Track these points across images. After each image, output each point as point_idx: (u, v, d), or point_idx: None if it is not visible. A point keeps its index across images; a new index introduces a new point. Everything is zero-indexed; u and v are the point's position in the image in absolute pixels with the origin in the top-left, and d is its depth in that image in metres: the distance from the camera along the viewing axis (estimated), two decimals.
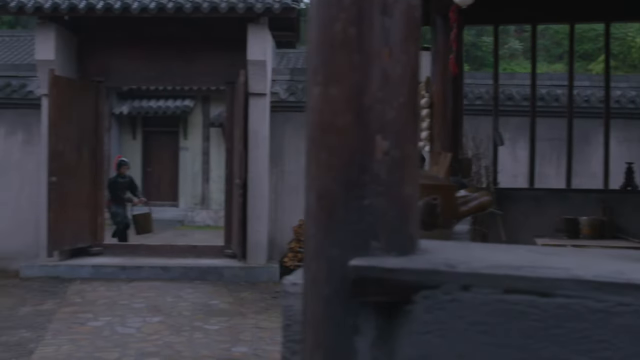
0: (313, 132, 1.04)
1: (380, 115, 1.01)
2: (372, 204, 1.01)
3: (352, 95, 1.01)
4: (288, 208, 11.08)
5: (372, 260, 1.00)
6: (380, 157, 1.01)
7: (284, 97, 11.05)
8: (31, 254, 10.93)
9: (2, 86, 11.23)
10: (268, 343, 7.02)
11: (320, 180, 1.03)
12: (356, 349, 1.00)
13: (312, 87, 1.05)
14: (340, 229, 1.01)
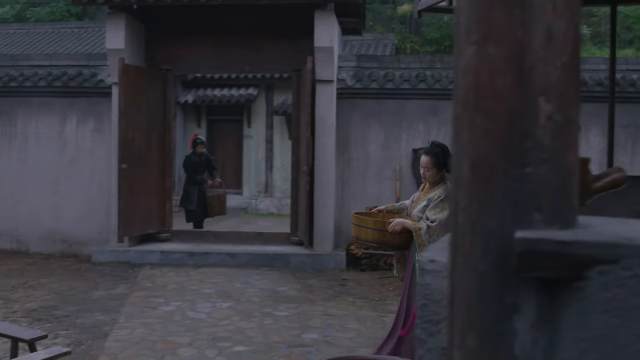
0: (466, 95, 0.97)
1: (543, 76, 0.93)
2: (535, 172, 0.93)
3: (513, 54, 0.93)
4: (354, 195, 11.02)
5: (540, 233, 0.92)
6: (544, 122, 0.93)
7: (351, 84, 10.96)
8: (102, 240, 11.15)
9: (74, 75, 11.44)
10: (338, 330, 6.98)
11: (475, 147, 0.95)
12: (515, 330, 0.92)
13: (464, 47, 0.97)
14: (499, 199, 0.93)
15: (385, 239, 5.01)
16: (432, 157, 5.04)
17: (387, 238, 4.97)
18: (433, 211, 4.90)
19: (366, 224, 5.07)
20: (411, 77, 11.00)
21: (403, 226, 4.90)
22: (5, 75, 11.58)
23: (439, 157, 5.04)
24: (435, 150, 5.07)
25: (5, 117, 11.63)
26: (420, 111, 11.02)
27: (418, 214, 5.01)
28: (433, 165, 5.02)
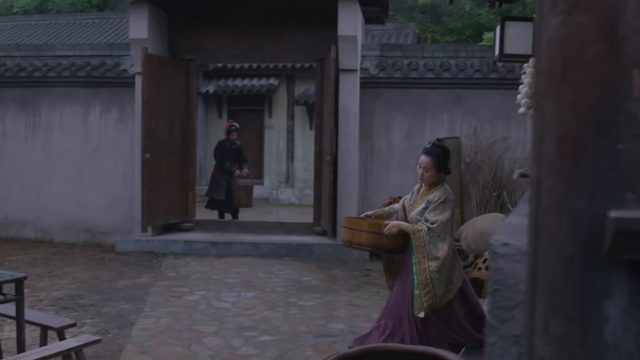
0: (551, 68, 0.91)
1: (637, 47, 0.88)
2: (627, 148, 0.88)
3: (604, 23, 0.88)
4: (377, 185, 10.96)
5: (635, 213, 0.87)
6: (637, 95, 0.88)
7: (374, 73, 10.88)
8: (125, 230, 11.18)
9: (97, 65, 11.45)
10: (363, 320, 6.94)
11: (561, 122, 0.90)
12: (606, 315, 0.88)
13: (550, 17, 0.91)
14: (589, 177, 0.88)
15: (380, 242, 4.91)
16: (433, 158, 4.94)
17: (382, 241, 4.88)
18: (433, 213, 4.80)
19: (360, 226, 4.98)
20: (435, 66, 10.90)
21: (400, 228, 4.82)
22: (30, 65, 11.62)
23: (440, 158, 4.95)
24: (437, 151, 4.97)
25: (30, 107, 11.68)
26: (445, 100, 10.93)
27: (416, 216, 4.91)
28: (433, 167, 4.92)
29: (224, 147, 12.22)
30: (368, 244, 5.00)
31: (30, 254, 10.50)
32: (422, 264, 4.73)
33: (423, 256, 4.73)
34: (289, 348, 5.97)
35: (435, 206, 4.82)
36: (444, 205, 4.82)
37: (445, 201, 4.83)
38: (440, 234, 4.76)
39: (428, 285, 4.70)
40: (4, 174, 11.72)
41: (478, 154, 10.64)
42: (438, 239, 4.74)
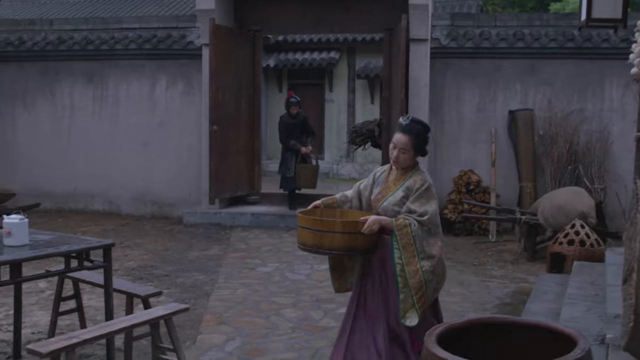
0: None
1: None
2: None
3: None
4: (447, 159, 10.71)
5: None
6: None
7: (445, 43, 10.58)
8: (192, 202, 11.19)
9: (163, 37, 11.42)
10: (442, 294, 6.63)
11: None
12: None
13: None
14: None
15: (357, 244, 3.93)
16: (413, 137, 4.01)
17: (359, 242, 3.93)
18: (418, 202, 3.99)
19: (332, 227, 3.90)
20: (508, 35, 10.55)
21: (381, 224, 3.92)
22: (97, 38, 11.65)
23: (421, 137, 4.06)
24: (417, 129, 4.06)
25: (97, 80, 11.73)
26: (518, 71, 10.58)
27: (394, 207, 4.03)
28: (412, 147, 4.02)
29: (287, 123, 11.05)
30: (342, 247, 3.92)
31: (100, 225, 10.58)
32: (413, 264, 3.88)
33: (413, 255, 3.88)
34: None
35: (420, 194, 4.00)
36: (429, 193, 4.02)
37: (429, 188, 4.03)
38: (432, 227, 3.98)
39: (421, 289, 3.91)
40: (72, 147, 11.82)
41: (552, 126, 10.29)
42: (430, 234, 3.96)
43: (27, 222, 4.30)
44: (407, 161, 4.04)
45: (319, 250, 3.98)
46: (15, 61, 12.00)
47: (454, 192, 10.41)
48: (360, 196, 4.33)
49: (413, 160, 4.07)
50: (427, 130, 4.11)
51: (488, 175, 10.46)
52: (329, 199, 4.37)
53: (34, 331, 5.58)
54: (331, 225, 3.91)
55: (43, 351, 3.48)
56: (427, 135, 4.09)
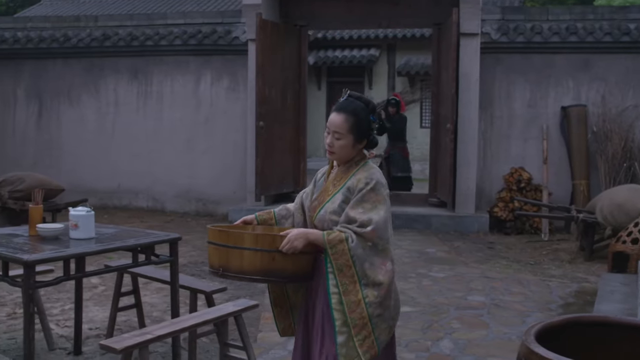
0: None
1: None
2: None
3: None
4: (497, 156, 10.48)
5: None
6: None
7: (495, 38, 10.34)
8: (236, 199, 11.09)
9: (208, 33, 11.33)
10: (503, 293, 6.58)
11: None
12: None
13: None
14: None
15: (274, 266, 2.88)
16: (349, 117, 3.01)
17: (277, 264, 2.88)
18: (360, 208, 2.93)
19: (241, 242, 2.88)
20: (561, 29, 10.28)
21: (307, 240, 2.91)
22: (142, 34, 11.61)
23: (360, 117, 3.02)
24: (354, 107, 3.04)
25: (142, 76, 11.69)
26: (570, 66, 10.32)
27: (332, 217, 3.01)
28: (349, 131, 3.00)
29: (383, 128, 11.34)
30: (255, 270, 2.88)
31: (145, 221, 10.53)
32: (353, 293, 2.88)
33: (352, 281, 2.89)
34: (433, 320, 5.66)
35: (362, 196, 2.94)
36: (377, 195, 2.95)
37: (377, 187, 2.96)
38: (379, 242, 2.91)
39: (366, 327, 2.90)
40: (116, 143, 11.80)
41: (606, 122, 10.01)
42: (375, 252, 2.92)
43: (94, 214, 4.20)
44: (345, 151, 3.04)
45: (225, 273, 2.92)
46: (60, 58, 12.02)
47: (504, 190, 10.17)
48: (303, 208, 3.23)
49: (354, 151, 3.05)
50: (368, 107, 3.05)
51: (539, 173, 10.21)
52: (266, 212, 3.32)
53: (91, 327, 5.50)
54: (239, 239, 2.88)
55: (117, 347, 3.37)
56: (369, 116, 3.03)
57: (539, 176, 10.20)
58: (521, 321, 5.67)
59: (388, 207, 2.99)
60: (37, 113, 12.18)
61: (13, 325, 5.51)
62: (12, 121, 12.27)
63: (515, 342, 5.12)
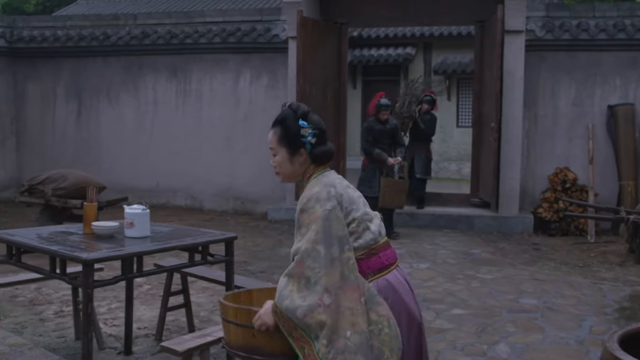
0: None
1: None
2: None
3: None
4: (540, 155, 10.28)
5: None
6: None
7: (540, 35, 10.14)
8: (275, 198, 11.02)
9: (247, 31, 11.27)
10: (555, 296, 6.41)
11: None
12: None
13: None
14: None
15: (255, 343, 2.55)
16: (277, 128, 2.72)
17: (257, 340, 2.54)
18: (297, 237, 2.55)
19: (225, 313, 2.65)
20: (608, 26, 10.05)
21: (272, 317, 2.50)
22: (181, 32, 11.59)
23: (286, 125, 2.69)
24: (282, 116, 2.74)
25: (181, 74, 11.67)
26: (617, 64, 10.09)
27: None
28: (278, 143, 2.71)
29: (374, 129, 9.08)
30: (238, 346, 2.61)
31: (185, 220, 10.48)
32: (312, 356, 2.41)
33: (306, 341, 2.42)
34: (487, 323, 5.52)
35: (297, 222, 2.56)
36: (309, 215, 2.50)
37: (307, 206, 2.53)
38: (310, 274, 2.42)
39: None
40: (155, 142, 11.79)
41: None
42: (309, 288, 2.43)
43: (149, 213, 4.13)
44: (284, 167, 2.71)
45: (224, 346, 2.73)
46: (100, 56, 12.05)
47: (548, 191, 9.97)
48: None
49: (295, 165, 2.69)
50: (297, 113, 2.69)
51: (584, 173, 10.00)
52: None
53: (139, 326, 5.44)
54: (225, 310, 2.65)
55: (179, 349, 3.29)
56: (297, 122, 2.66)
57: (584, 176, 9.99)
58: (577, 325, 5.51)
59: (325, 225, 2.45)
60: (76, 111, 12.23)
61: (62, 324, 5.48)
62: (51, 119, 12.34)
63: (573, 347, 4.98)
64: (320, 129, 2.70)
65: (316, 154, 2.66)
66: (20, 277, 5.12)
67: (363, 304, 2.44)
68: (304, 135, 2.65)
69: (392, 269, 2.68)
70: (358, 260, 2.54)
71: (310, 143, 2.65)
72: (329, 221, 2.47)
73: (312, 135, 2.66)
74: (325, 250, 2.43)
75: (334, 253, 2.44)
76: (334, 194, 2.55)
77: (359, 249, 2.58)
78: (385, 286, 2.59)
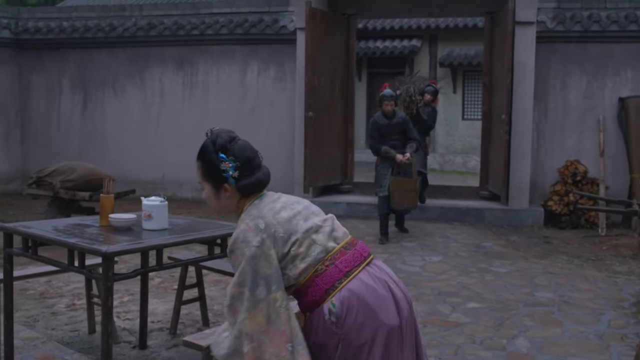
0: None
1: None
2: None
3: None
4: (550, 148, 10.20)
5: None
6: None
7: (551, 27, 10.05)
8: (282, 190, 10.85)
9: (255, 22, 11.18)
10: (570, 290, 6.35)
11: None
12: None
13: None
14: None
15: None
16: (199, 162, 2.64)
17: None
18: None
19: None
20: (620, 17, 9.96)
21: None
22: (187, 23, 11.50)
23: (206, 159, 2.59)
24: (202, 148, 2.63)
25: (187, 66, 11.59)
26: (629, 56, 10.00)
27: None
28: (202, 178, 2.63)
29: (378, 124, 8.35)
30: None
31: (193, 212, 10.41)
32: None
33: None
34: (504, 317, 5.46)
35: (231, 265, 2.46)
36: (236, 256, 2.39)
37: (234, 247, 2.41)
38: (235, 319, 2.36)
39: None
40: (161, 133, 11.72)
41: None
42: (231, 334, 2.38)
43: (167, 204, 4.07)
44: (213, 202, 2.61)
45: None
46: (105, 47, 11.97)
47: (559, 183, 9.90)
48: None
49: (224, 200, 2.57)
50: (215, 145, 2.56)
51: (595, 166, 9.93)
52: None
53: (152, 320, 5.37)
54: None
55: (203, 344, 3.22)
56: (215, 154, 2.54)
57: (594, 169, 9.92)
58: (595, 319, 5.45)
59: (252, 264, 2.32)
60: (82, 103, 12.15)
61: (74, 317, 5.42)
62: (57, 111, 12.27)
63: (592, 342, 4.91)
64: (243, 160, 2.53)
65: (242, 188, 2.53)
66: (34, 270, 5.06)
67: (290, 351, 2.28)
68: (225, 169, 2.51)
69: (356, 273, 2.41)
70: (313, 280, 2.38)
71: (233, 177, 2.50)
72: (255, 259, 2.33)
73: (233, 169, 2.51)
74: (250, 292, 2.31)
75: (259, 294, 2.30)
76: (262, 227, 2.39)
77: (309, 268, 2.40)
78: (348, 297, 2.35)
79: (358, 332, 2.33)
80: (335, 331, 2.34)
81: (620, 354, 4.67)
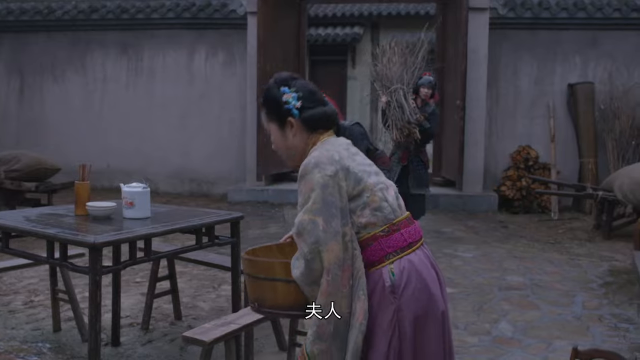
0: None
1: None
2: None
3: None
4: (503, 134, 10.28)
5: None
6: None
7: (503, 13, 10.11)
8: (233, 179, 10.72)
9: (203, 6, 10.86)
10: (539, 273, 6.38)
11: None
12: None
13: None
14: None
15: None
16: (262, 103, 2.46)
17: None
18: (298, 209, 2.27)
19: (272, 272, 2.30)
20: (569, 5, 10.09)
21: None
22: (132, 7, 11.09)
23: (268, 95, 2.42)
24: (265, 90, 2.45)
25: (132, 51, 11.19)
26: (577, 43, 10.15)
27: None
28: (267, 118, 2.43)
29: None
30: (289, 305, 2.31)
31: None
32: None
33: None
34: (482, 301, 5.42)
35: (299, 193, 2.29)
36: (306, 182, 2.23)
37: (305, 173, 2.25)
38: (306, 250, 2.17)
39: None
40: (105, 121, 11.29)
41: (614, 100, 9.87)
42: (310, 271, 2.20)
43: (149, 191, 3.84)
44: (280, 143, 2.43)
45: (261, 309, 2.38)
46: (43, 31, 11.44)
47: (511, 169, 9.99)
48: None
49: (290, 138, 2.39)
50: (278, 84, 2.39)
51: (546, 151, 10.06)
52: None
53: (122, 315, 5.11)
54: (269, 268, 2.31)
55: (206, 339, 3.03)
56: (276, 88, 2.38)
57: (545, 154, 10.04)
58: (569, 301, 5.48)
59: (325, 193, 2.18)
60: (18, 89, 11.60)
61: (33, 315, 5.11)
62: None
63: (573, 324, 4.92)
64: (306, 91, 2.38)
65: (307, 119, 2.35)
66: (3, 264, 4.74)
67: (349, 287, 2.18)
68: (287, 101, 2.35)
69: (415, 247, 2.30)
70: (377, 238, 2.25)
71: (296, 108, 2.34)
72: (329, 188, 2.18)
73: (296, 98, 2.35)
74: (325, 223, 2.15)
75: (335, 226, 2.16)
76: (337, 158, 2.24)
77: (377, 225, 2.25)
78: (408, 268, 2.24)
79: (415, 304, 2.22)
80: (392, 300, 2.21)
81: (602, 335, 4.68)
